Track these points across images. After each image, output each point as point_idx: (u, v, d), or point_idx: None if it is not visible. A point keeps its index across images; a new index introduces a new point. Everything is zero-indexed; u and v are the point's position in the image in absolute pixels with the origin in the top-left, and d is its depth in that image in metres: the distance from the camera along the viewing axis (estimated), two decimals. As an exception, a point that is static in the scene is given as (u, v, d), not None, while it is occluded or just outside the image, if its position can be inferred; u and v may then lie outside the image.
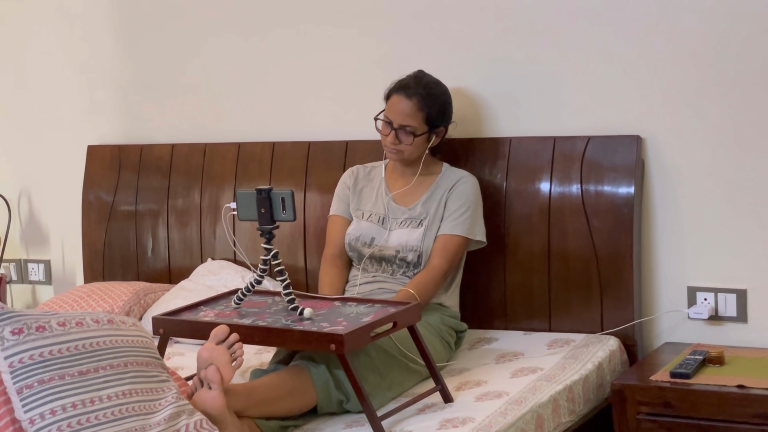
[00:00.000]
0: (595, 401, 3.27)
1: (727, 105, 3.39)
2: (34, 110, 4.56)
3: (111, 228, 4.31)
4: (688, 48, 3.41)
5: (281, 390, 2.82)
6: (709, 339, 3.46)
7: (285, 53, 4.02)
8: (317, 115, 4.00)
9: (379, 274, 3.42)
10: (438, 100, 3.43)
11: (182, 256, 4.18)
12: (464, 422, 2.76)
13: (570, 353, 3.35)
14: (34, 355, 2.34)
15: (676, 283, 3.51)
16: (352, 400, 2.86)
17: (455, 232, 3.37)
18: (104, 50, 4.37)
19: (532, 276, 3.60)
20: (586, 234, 3.51)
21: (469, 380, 3.13)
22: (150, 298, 3.93)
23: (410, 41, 3.80)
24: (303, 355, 2.94)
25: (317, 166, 3.93)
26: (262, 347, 3.40)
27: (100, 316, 2.51)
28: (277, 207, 2.84)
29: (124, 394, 2.41)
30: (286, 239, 3.92)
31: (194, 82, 4.22)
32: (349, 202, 3.56)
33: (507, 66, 3.66)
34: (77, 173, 4.41)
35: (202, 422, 2.49)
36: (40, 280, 4.64)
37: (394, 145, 3.40)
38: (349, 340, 2.67)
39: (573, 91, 3.58)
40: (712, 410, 3.01)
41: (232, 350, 2.69)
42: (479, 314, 3.65)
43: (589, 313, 3.53)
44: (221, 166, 4.11)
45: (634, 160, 3.46)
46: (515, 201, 3.61)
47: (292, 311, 2.89)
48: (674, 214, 3.49)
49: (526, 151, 3.62)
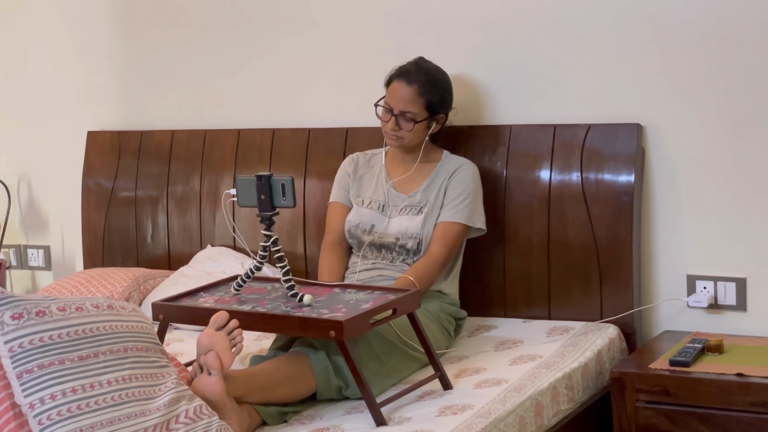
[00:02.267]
0: (594, 389, 3.27)
1: (727, 93, 3.38)
2: (34, 96, 4.55)
3: (111, 214, 4.31)
4: (689, 36, 3.41)
5: (280, 376, 2.83)
6: (708, 327, 3.47)
7: (286, 40, 4.01)
8: (317, 102, 4.00)
9: (378, 261, 3.42)
10: (438, 87, 3.42)
11: (182, 242, 4.18)
12: (463, 409, 2.77)
13: (569, 341, 3.35)
14: (33, 340, 2.34)
15: (676, 271, 3.51)
16: (351, 386, 2.87)
17: (455, 219, 3.37)
18: (104, 36, 4.37)
19: (532, 264, 3.60)
20: (586, 222, 3.51)
21: (469, 367, 3.14)
22: (149, 284, 3.93)
23: (411, 28, 3.79)
24: (302, 342, 2.94)
25: (317, 153, 3.93)
26: (262, 334, 3.40)
27: (100, 302, 2.51)
28: (277, 193, 2.84)
29: (123, 380, 2.41)
30: (285, 226, 3.92)
31: (194, 69, 4.21)
32: (349, 189, 3.56)
33: (508, 54, 3.66)
34: (77, 159, 4.41)
35: (202, 408, 2.49)
36: (39, 265, 4.64)
37: (395, 131, 3.40)
38: (349, 326, 2.67)
39: (573, 79, 3.58)
40: (711, 398, 3.02)
41: (231, 336, 2.69)
42: (479, 302, 3.65)
43: (588, 301, 3.53)
44: (221, 153, 4.10)
45: (634, 148, 3.45)
46: (515, 189, 3.61)
47: (291, 298, 2.89)
48: (674, 202, 3.49)
49: (527, 138, 3.61)
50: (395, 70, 3.45)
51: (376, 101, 3.45)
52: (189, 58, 4.21)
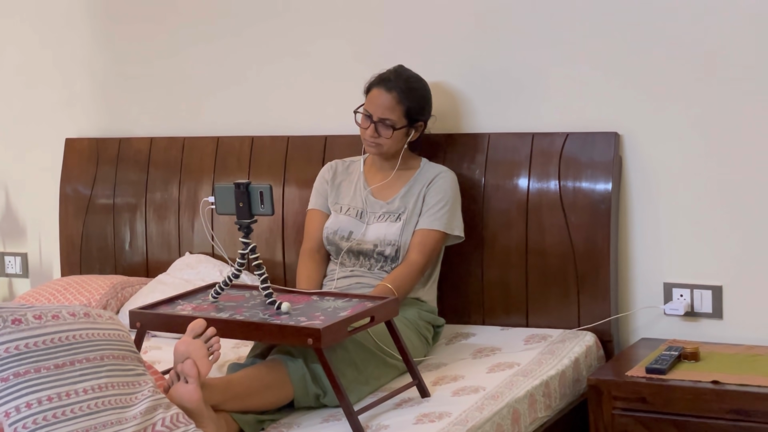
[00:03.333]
0: (572, 396, 3.28)
1: (704, 102, 3.41)
2: (11, 102, 4.54)
3: (88, 221, 4.30)
4: (666, 46, 3.43)
5: (258, 384, 2.82)
6: (684, 335, 3.48)
7: (264, 47, 4.01)
8: (296, 110, 4.00)
9: (356, 268, 3.42)
10: (418, 95, 3.43)
11: (160, 249, 4.17)
12: (441, 417, 2.77)
13: (547, 348, 3.36)
14: (9, 348, 2.34)
15: (653, 279, 3.53)
16: (329, 394, 2.87)
17: (433, 227, 3.38)
18: (82, 43, 4.35)
19: (510, 271, 3.61)
20: (564, 230, 3.52)
21: (446, 375, 3.14)
22: (127, 292, 3.92)
23: (391, 36, 3.80)
24: (280, 349, 2.94)
25: (296, 160, 3.93)
26: (240, 341, 3.39)
27: (77, 310, 2.50)
28: (256, 201, 2.84)
29: (100, 388, 2.40)
30: (264, 233, 3.92)
31: (173, 76, 4.20)
32: (328, 197, 3.56)
33: (486, 62, 3.67)
34: (55, 166, 4.39)
35: (179, 416, 2.48)
36: (16, 273, 4.62)
37: (374, 138, 3.41)
38: (327, 334, 2.67)
39: (551, 88, 3.59)
40: (687, 405, 3.03)
41: (209, 344, 2.68)
42: (457, 309, 3.66)
43: (566, 308, 3.54)
44: (200, 160, 4.10)
45: (611, 156, 3.47)
46: (493, 196, 3.62)
47: (269, 305, 2.89)
48: (651, 210, 3.51)
49: (505, 146, 3.62)
50: (375, 78, 3.46)
51: (356, 108, 3.46)
52: (167, 66, 4.20)
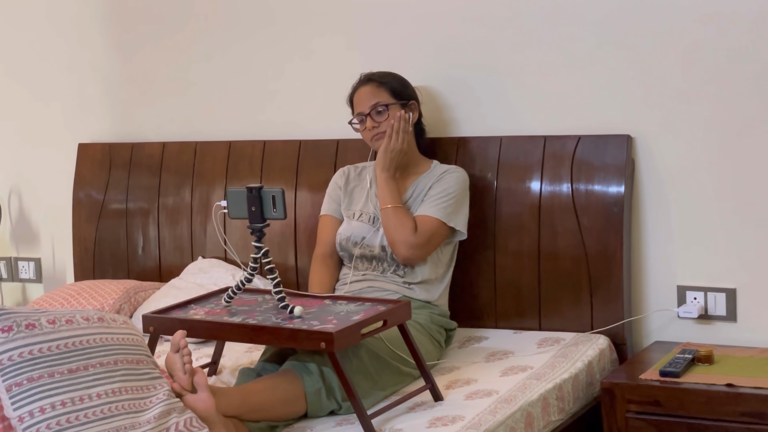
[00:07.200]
0: (585, 400, 3.27)
1: (716, 104, 3.40)
2: (24, 108, 4.55)
3: (101, 226, 4.31)
4: (678, 47, 3.42)
5: (275, 398, 2.79)
6: (698, 338, 3.47)
7: (277, 52, 4.02)
8: (308, 114, 4.00)
9: (369, 272, 3.42)
10: (394, 77, 3.53)
11: (173, 254, 4.17)
12: (454, 420, 2.77)
13: (560, 352, 3.35)
14: (23, 353, 2.34)
15: (666, 282, 3.52)
16: (343, 408, 2.86)
17: (428, 213, 3.35)
18: (95, 48, 4.37)
19: (522, 275, 3.60)
20: (576, 233, 3.52)
21: (459, 379, 3.14)
22: (140, 297, 3.92)
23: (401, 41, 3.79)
24: (297, 359, 2.91)
25: (308, 164, 3.93)
26: (252, 345, 3.40)
27: (91, 314, 2.51)
28: (268, 205, 2.84)
29: (113, 392, 2.41)
30: (276, 237, 3.92)
31: (185, 80, 4.21)
32: (341, 202, 3.56)
33: (497, 65, 3.67)
34: (68, 171, 4.40)
35: (192, 420, 2.49)
36: (30, 278, 4.64)
37: (375, 128, 3.43)
38: (339, 338, 2.67)
39: (563, 91, 3.59)
40: (701, 409, 3.02)
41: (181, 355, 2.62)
42: (469, 313, 3.65)
43: (578, 311, 3.54)
44: (212, 165, 4.10)
45: (624, 159, 3.46)
46: (505, 200, 3.62)
47: (282, 309, 2.89)
48: (664, 213, 3.50)
49: (517, 150, 3.62)
50: (351, 89, 3.55)
51: (349, 120, 3.50)
52: (180, 70, 4.21)
